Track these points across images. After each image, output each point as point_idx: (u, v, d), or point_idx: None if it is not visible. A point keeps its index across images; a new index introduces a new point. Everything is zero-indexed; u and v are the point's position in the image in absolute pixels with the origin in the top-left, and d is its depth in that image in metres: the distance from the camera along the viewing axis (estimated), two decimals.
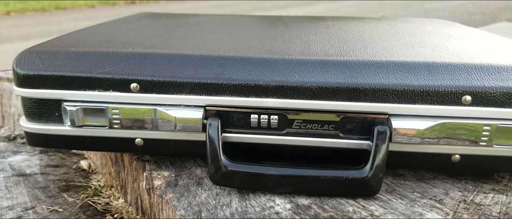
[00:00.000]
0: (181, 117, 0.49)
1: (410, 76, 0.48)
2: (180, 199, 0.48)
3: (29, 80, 0.50)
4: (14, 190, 0.67)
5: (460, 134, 0.47)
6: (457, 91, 0.47)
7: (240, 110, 0.49)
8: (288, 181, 0.47)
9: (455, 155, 0.49)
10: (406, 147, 0.49)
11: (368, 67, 0.49)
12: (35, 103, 0.52)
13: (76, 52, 0.52)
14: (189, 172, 0.54)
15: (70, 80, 0.50)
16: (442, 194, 0.49)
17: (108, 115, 0.50)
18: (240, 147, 0.51)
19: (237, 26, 0.75)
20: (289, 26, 0.75)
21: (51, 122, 0.52)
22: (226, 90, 0.49)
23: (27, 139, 0.55)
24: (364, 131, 0.49)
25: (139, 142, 0.52)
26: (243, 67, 0.49)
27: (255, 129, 0.50)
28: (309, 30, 0.70)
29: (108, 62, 0.50)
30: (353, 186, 0.47)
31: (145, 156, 0.58)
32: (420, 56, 0.51)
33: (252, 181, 0.48)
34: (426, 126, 0.47)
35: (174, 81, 0.49)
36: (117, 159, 0.65)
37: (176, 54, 0.51)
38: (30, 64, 0.51)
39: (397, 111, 0.47)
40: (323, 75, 0.48)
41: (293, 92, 0.48)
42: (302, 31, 0.69)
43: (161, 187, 0.51)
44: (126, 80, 0.49)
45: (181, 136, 0.51)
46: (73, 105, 0.50)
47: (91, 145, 0.53)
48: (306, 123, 0.49)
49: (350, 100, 0.48)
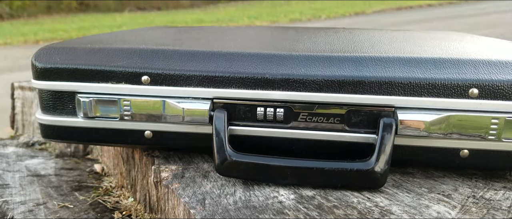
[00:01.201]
0: (189, 109, 0.51)
1: (417, 69, 0.49)
2: (186, 189, 0.49)
3: (46, 73, 0.53)
4: (27, 188, 0.70)
5: (468, 128, 0.47)
6: (464, 84, 0.47)
7: (246, 102, 0.51)
8: (292, 172, 0.48)
9: (463, 150, 0.49)
10: (413, 141, 0.49)
11: (375, 61, 0.50)
12: (51, 95, 0.54)
13: (92, 48, 0.55)
14: (196, 166, 0.55)
15: (85, 73, 0.53)
16: (451, 190, 0.49)
17: (119, 106, 0.52)
18: (247, 141, 0.52)
19: (250, 32, 0.77)
20: (299, 31, 0.77)
21: (65, 114, 0.55)
22: (233, 83, 0.50)
23: (41, 132, 0.57)
24: (370, 124, 0.49)
25: (148, 134, 0.54)
26: (250, 61, 0.51)
27: (261, 122, 0.51)
28: (319, 34, 0.72)
29: (121, 57, 0.53)
30: (358, 178, 0.47)
31: (155, 152, 0.60)
32: (427, 53, 0.52)
33: (256, 172, 0.49)
34: (432, 118, 0.47)
35: (183, 74, 0.51)
36: (128, 157, 0.67)
37: (186, 50, 0.53)
38: (48, 58, 0.54)
39: (403, 104, 0.48)
40: (329, 68, 0.50)
41: (299, 85, 0.49)
42: (312, 34, 0.71)
43: (167, 178, 0.52)
44: (138, 73, 0.52)
45: (189, 129, 0.53)
46: (86, 97, 0.53)
47: (102, 137, 0.55)
48: (311, 116, 0.50)
49: (356, 93, 0.49)
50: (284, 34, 0.71)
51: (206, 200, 0.46)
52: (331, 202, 0.46)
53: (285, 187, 0.49)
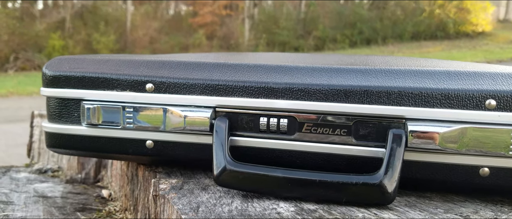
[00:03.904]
0: (190, 117, 0.51)
1: (428, 80, 0.48)
2: (182, 198, 0.48)
3: (55, 80, 0.56)
4: (31, 206, 0.70)
5: (486, 142, 0.45)
6: (480, 95, 0.46)
7: (249, 111, 0.51)
8: (294, 184, 0.46)
9: (483, 168, 0.46)
10: (426, 156, 0.47)
11: (384, 72, 0.49)
12: (58, 103, 0.56)
13: (101, 58, 0.57)
14: (197, 180, 0.55)
15: (91, 80, 0.55)
16: (470, 212, 0.46)
17: (122, 113, 0.54)
18: (248, 154, 0.52)
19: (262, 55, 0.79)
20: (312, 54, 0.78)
21: (69, 123, 0.56)
22: (236, 91, 0.51)
23: (46, 141, 0.59)
24: (380, 137, 0.48)
25: (150, 144, 0.54)
26: (255, 71, 0.52)
27: (264, 133, 0.51)
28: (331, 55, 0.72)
29: (128, 66, 0.55)
30: (364, 192, 0.45)
31: (158, 168, 0.60)
32: (440, 67, 0.51)
33: (256, 183, 0.47)
34: (445, 130, 0.45)
35: (186, 83, 0.52)
36: (133, 176, 0.67)
37: (192, 61, 0.55)
38: (58, 66, 0.57)
39: (414, 115, 0.47)
40: (336, 78, 0.49)
41: (304, 94, 0.49)
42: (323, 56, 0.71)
43: (165, 189, 0.52)
44: (143, 81, 0.53)
45: (190, 138, 0.53)
46: (91, 104, 0.54)
47: (104, 147, 0.56)
48: (317, 127, 0.49)
49: (363, 103, 0.48)
50: (294, 55, 0.71)
51: (200, 208, 0.45)
52: (334, 216, 0.43)
53: (287, 200, 0.48)
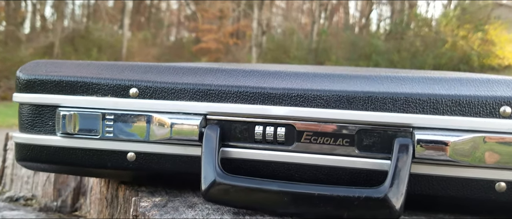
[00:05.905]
0: (177, 125, 0.48)
1: (437, 86, 0.45)
2: (164, 215, 0.44)
3: (29, 84, 0.52)
4: None
5: (501, 153, 0.42)
6: (494, 102, 0.43)
7: (243, 119, 0.47)
8: (290, 199, 0.42)
9: (499, 183, 0.43)
10: (436, 169, 0.44)
11: (390, 78, 0.47)
12: (31, 110, 0.53)
13: (81, 63, 0.54)
14: (184, 198, 0.50)
15: (69, 85, 0.51)
16: None
17: (101, 122, 0.50)
18: (242, 167, 0.48)
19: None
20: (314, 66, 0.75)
21: (43, 133, 0.52)
22: (230, 97, 0.47)
23: (16, 154, 0.55)
24: (384, 147, 0.45)
25: (131, 156, 0.50)
26: (251, 76, 0.49)
27: (259, 143, 0.47)
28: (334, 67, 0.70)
29: (111, 70, 0.52)
30: (368, 207, 0.41)
31: (141, 187, 0.56)
32: (450, 75, 0.48)
33: (249, 198, 0.43)
34: (456, 139, 0.42)
35: (175, 88, 0.49)
36: (113, 198, 0.62)
37: (181, 66, 0.52)
38: (34, 70, 0.53)
39: (422, 123, 0.44)
40: (338, 84, 0.47)
41: (303, 100, 0.46)
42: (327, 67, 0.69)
43: (146, 207, 0.47)
44: (126, 86, 0.50)
45: (177, 150, 0.49)
46: (67, 110, 0.51)
47: (80, 160, 0.51)
48: (317, 136, 0.46)
49: (367, 110, 0.45)
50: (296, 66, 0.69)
51: None
52: None
53: (282, 218, 0.44)
